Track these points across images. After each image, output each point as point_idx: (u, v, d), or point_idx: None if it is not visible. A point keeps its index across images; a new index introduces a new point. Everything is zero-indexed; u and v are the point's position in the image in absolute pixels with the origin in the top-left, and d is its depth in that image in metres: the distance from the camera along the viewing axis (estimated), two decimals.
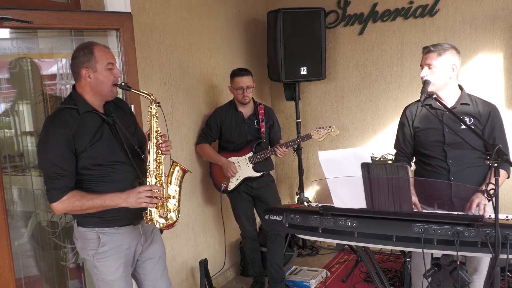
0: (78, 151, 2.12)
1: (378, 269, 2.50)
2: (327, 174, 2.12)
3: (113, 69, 2.20)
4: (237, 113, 3.60)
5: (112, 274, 2.27)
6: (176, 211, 2.25)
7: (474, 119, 2.48)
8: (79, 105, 2.17)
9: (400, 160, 2.71)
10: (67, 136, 2.09)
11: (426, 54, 2.48)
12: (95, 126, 2.18)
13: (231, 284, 4.09)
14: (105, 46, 2.24)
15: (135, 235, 2.31)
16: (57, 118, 2.14)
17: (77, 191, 2.13)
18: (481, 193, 2.32)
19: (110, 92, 2.21)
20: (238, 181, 3.59)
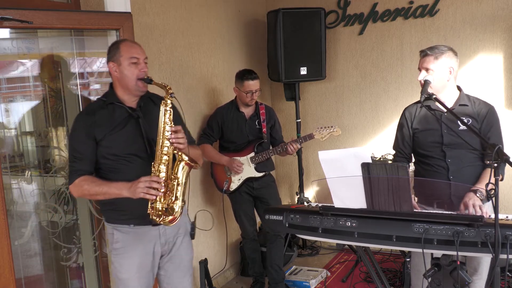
0: (97, 139, 2.20)
1: (378, 269, 2.50)
2: (327, 174, 2.12)
3: (138, 63, 2.21)
4: (239, 113, 3.60)
5: (125, 273, 2.28)
6: (177, 205, 2.16)
7: (472, 120, 2.49)
8: (107, 98, 2.28)
9: (399, 161, 2.71)
10: (88, 123, 2.21)
11: (423, 58, 2.47)
12: (119, 118, 2.24)
13: (231, 284, 4.09)
14: (134, 42, 2.32)
15: (152, 236, 2.28)
16: (86, 107, 2.36)
17: (89, 176, 2.21)
18: (473, 193, 2.32)
19: (135, 86, 2.22)
20: (240, 182, 3.59)
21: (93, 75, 3.16)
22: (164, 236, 2.32)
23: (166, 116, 2.17)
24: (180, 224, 2.35)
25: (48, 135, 3.00)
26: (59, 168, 2.98)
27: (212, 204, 3.97)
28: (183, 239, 2.40)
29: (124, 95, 2.27)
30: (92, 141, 2.21)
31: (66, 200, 2.96)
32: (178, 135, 2.14)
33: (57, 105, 2.98)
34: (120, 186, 2.13)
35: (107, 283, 3.08)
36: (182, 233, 2.40)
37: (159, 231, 2.30)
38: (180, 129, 2.15)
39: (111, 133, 2.21)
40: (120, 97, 2.28)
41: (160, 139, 2.16)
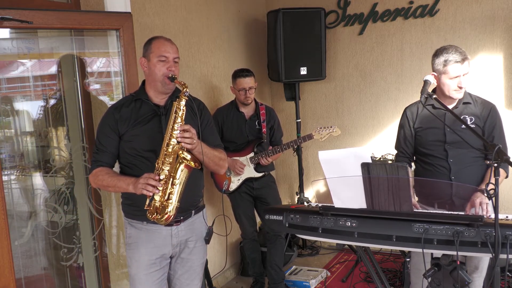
0: (121, 133, 2.25)
1: (378, 269, 2.50)
2: (327, 174, 2.12)
3: (166, 62, 2.22)
4: (239, 113, 3.60)
5: (134, 268, 2.31)
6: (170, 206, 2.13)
7: (476, 118, 2.49)
8: (136, 93, 2.33)
9: (401, 160, 2.72)
10: (113, 117, 2.26)
11: (463, 63, 2.42)
12: (144, 114, 2.26)
13: (231, 284, 4.09)
14: (168, 40, 2.30)
15: (163, 236, 2.28)
16: (116, 102, 2.38)
17: (107, 168, 2.26)
18: (480, 192, 2.33)
19: (161, 83, 2.23)
20: (239, 182, 3.59)
21: (93, 75, 3.16)
22: (177, 237, 2.31)
23: (178, 114, 2.15)
24: (195, 228, 2.36)
25: (48, 135, 2.99)
26: (59, 168, 2.98)
27: (212, 204, 3.97)
28: (196, 243, 2.38)
29: (152, 91, 2.29)
30: (116, 135, 2.26)
31: (66, 200, 2.96)
32: (185, 134, 2.11)
33: (57, 105, 2.98)
34: (127, 181, 2.16)
35: (107, 283, 3.08)
36: (196, 237, 2.38)
37: (171, 231, 2.29)
38: (188, 128, 2.12)
39: (133, 128, 2.24)
40: (148, 93, 2.30)
41: (167, 136, 2.15)
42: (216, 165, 2.36)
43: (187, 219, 2.34)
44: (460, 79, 2.44)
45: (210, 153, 2.28)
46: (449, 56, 2.43)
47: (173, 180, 2.12)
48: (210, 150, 2.28)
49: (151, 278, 2.30)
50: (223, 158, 2.40)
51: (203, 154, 2.22)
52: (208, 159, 2.27)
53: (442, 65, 2.45)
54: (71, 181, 2.96)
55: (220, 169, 2.41)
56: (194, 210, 2.38)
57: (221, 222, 3.95)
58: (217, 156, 2.34)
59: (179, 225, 2.30)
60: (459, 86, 2.44)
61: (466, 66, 2.44)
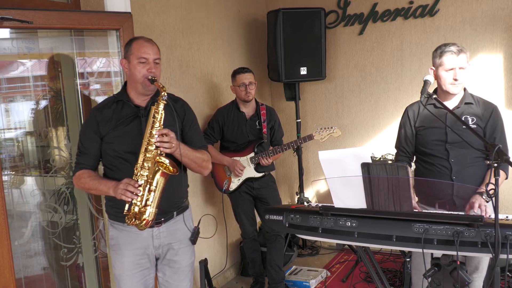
0: (102, 134, 2.24)
1: (378, 269, 2.50)
2: (327, 174, 2.12)
3: (146, 63, 2.20)
4: (239, 113, 3.60)
5: (118, 269, 2.32)
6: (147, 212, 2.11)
7: (477, 118, 2.49)
8: (118, 94, 2.32)
9: (401, 159, 2.71)
10: (95, 119, 2.26)
11: (458, 56, 2.43)
12: (125, 115, 2.25)
13: (231, 284, 4.09)
14: (148, 41, 2.26)
15: (144, 238, 2.29)
16: (99, 103, 2.36)
17: (89, 170, 2.26)
18: (479, 194, 2.33)
19: (141, 85, 2.21)
20: (239, 181, 3.59)
21: (93, 75, 3.16)
22: (158, 239, 2.30)
23: (156, 118, 2.13)
24: (178, 229, 2.34)
25: (48, 135, 3.00)
26: (59, 168, 2.98)
27: (212, 204, 3.97)
28: (181, 244, 2.37)
29: (134, 93, 2.28)
30: (98, 137, 2.25)
31: (66, 200, 2.97)
32: (164, 138, 2.10)
33: (57, 105, 2.98)
34: (108, 185, 2.16)
35: (107, 283, 3.08)
36: (181, 239, 2.36)
37: (152, 233, 2.29)
38: (167, 132, 2.11)
39: (115, 130, 2.23)
40: (130, 94, 2.29)
41: (145, 142, 2.13)
42: (199, 166, 2.34)
43: (168, 220, 2.32)
44: (456, 71, 2.44)
45: (192, 155, 2.26)
46: (445, 48, 2.48)
47: (150, 186, 2.10)
48: (192, 152, 2.26)
49: (135, 279, 2.31)
50: (206, 160, 2.37)
51: (185, 156, 2.21)
52: (190, 161, 2.26)
53: (438, 57, 2.50)
54: (71, 181, 2.96)
55: (203, 170, 2.39)
56: (176, 212, 2.35)
57: (220, 223, 3.96)
58: (199, 157, 2.31)
59: (160, 226, 2.29)
60: (454, 78, 2.44)
61: (463, 60, 2.44)
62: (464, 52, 2.45)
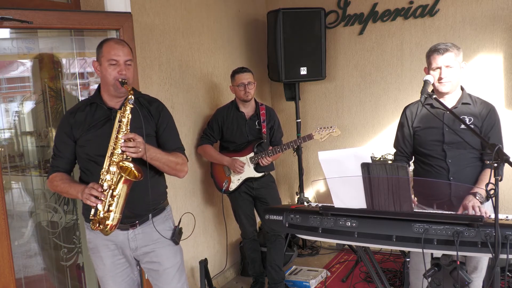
0: (76, 138, 2.24)
1: (378, 269, 2.50)
2: (327, 174, 2.12)
3: (117, 65, 2.17)
4: (239, 113, 3.60)
5: (99, 271, 2.33)
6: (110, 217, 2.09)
7: (474, 118, 2.49)
8: (92, 97, 2.30)
9: (399, 159, 2.72)
10: (68, 122, 2.25)
11: (444, 54, 2.43)
12: (98, 118, 2.23)
13: (231, 284, 4.09)
14: (118, 42, 2.22)
15: (120, 240, 2.28)
16: (73, 106, 2.34)
17: (62, 173, 2.25)
18: (472, 195, 2.32)
19: (112, 87, 2.19)
20: (239, 182, 3.59)
21: (93, 75, 3.16)
22: (134, 241, 2.28)
23: (123, 122, 2.10)
24: (154, 231, 2.28)
25: (48, 135, 3.00)
26: None
27: (212, 204, 3.97)
28: (161, 245, 2.32)
29: (106, 95, 2.26)
30: (71, 140, 2.24)
31: (66, 200, 2.96)
32: (129, 143, 2.06)
33: (57, 105, 2.98)
34: (78, 189, 2.14)
35: None
36: (160, 240, 2.32)
37: (127, 236, 2.27)
38: (133, 137, 2.08)
39: (87, 133, 2.22)
40: (103, 97, 2.27)
41: (111, 146, 2.10)
42: (173, 169, 2.30)
43: (144, 222, 2.29)
44: (441, 70, 2.44)
45: (163, 159, 2.22)
46: (433, 47, 2.49)
47: (113, 192, 2.08)
48: (163, 155, 2.23)
49: (119, 278, 2.32)
50: (180, 163, 2.31)
51: (155, 160, 2.18)
52: (162, 164, 2.23)
53: (427, 56, 2.52)
54: None
55: (178, 173, 2.33)
56: (152, 214, 2.30)
57: (220, 223, 3.96)
58: (172, 161, 2.27)
59: (135, 229, 2.27)
60: (439, 77, 2.44)
61: (448, 58, 2.43)
62: (451, 50, 2.43)
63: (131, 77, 2.23)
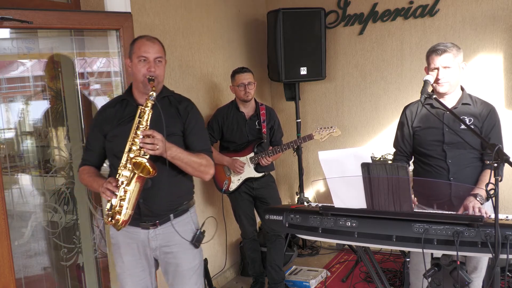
0: (105, 133, 2.27)
1: (378, 269, 2.50)
2: (327, 174, 2.12)
3: (146, 62, 2.18)
4: (239, 113, 3.60)
5: (119, 268, 2.34)
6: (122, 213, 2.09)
7: (474, 119, 2.49)
8: (123, 94, 2.36)
9: (399, 159, 2.72)
10: (100, 117, 2.31)
11: (442, 55, 2.43)
12: (127, 114, 2.24)
13: (231, 284, 4.09)
14: (149, 39, 2.23)
15: (140, 239, 2.28)
16: (106, 102, 2.40)
17: (90, 167, 2.31)
18: (473, 196, 2.32)
19: (142, 84, 2.20)
20: (239, 182, 3.59)
21: (93, 75, 3.16)
22: (155, 240, 2.27)
23: (143, 119, 2.10)
24: (175, 232, 2.26)
25: (48, 135, 3.00)
26: (59, 168, 2.98)
27: (212, 204, 3.97)
28: (180, 247, 2.30)
29: (137, 92, 2.29)
30: (101, 134, 2.28)
31: (66, 200, 2.96)
32: (146, 140, 2.05)
33: (57, 105, 2.98)
34: (99, 183, 2.16)
35: (107, 283, 3.08)
36: (180, 241, 2.29)
37: (148, 235, 2.26)
38: (151, 134, 2.05)
39: (115, 129, 2.24)
40: (134, 94, 2.30)
41: (129, 141, 2.11)
42: (196, 171, 2.26)
43: (165, 222, 2.27)
44: (439, 71, 2.44)
45: (186, 159, 2.18)
46: (431, 48, 2.49)
47: (127, 187, 2.08)
48: (186, 155, 2.19)
49: (136, 277, 2.31)
50: (204, 164, 2.26)
51: (177, 159, 2.15)
52: (185, 164, 2.19)
53: (426, 57, 2.52)
54: (71, 181, 2.96)
55: (202, 175, 2.29)
56: (173, 214, 2.28)
57: (220, 223, 3.96)
58: (195, 161, 2.22)
59: (156, 228, 2.26)
60: (437, 77, 2.44)
61: (447, 59, 2.42)
62: (450, 51, 2.42)
63: (161, 75, 2.24)
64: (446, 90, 2.48)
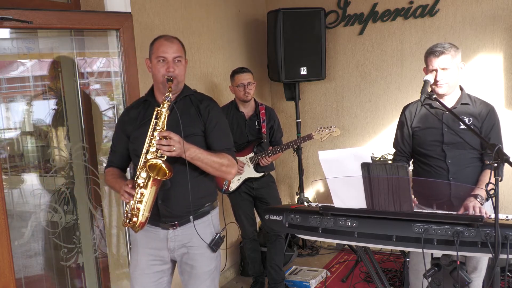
0: (128, 134, 2.28)
1: (378, 269, 2.50)
2: (327, 174, 2.12)
3: (165, 62, 2.17)
4: (239, 113, 3.60)
5: (133, 266, 2.32)
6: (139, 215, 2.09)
7: (473, 119, 2.49)
8: (146, 95, 2.35)
9: (399, 159, 2.72)
10: (124, 119, 2.33)
11: (440, 57, 2.42)
12: (149, 115, 2.19)
13: (231, 284, 4.09)
14: (168, 39, 2.23)
15: (160, 239, 2.25)
16: (131, 103, 2.41)
17: (115, 169, 2.32)
18: (473, 197, 2.32)
19: (161, 84, 2.19)
20: (239, 182, 3.59)
21: (93, 75, 3.16)
22: (173, 241, 2.25)
23: (160, 119, 2.08)
24: (194, 234, 2.22)
25: (48, 135, 2.99)
26: (59, 168, 2.98)
27: None
28: (198, 249, 2.27)
29: (158, 93, 2.27)
30: (124, 136, 2.29)
31: (66, 200, 2.96)
32: (162, 141, 2.02)
33: (57, 105, 2.97)
34: (120, 184, 2.16)
35: (107, 283, 3.08)
36: (198, 244, 2.26)
37: (166, 235, 2.24)
38: (167, 135, 2.03)
39: (138, 130, 2.23)
40: (155, 94, 2.29)
41: (146, 143, 2.10)
42: (217, 170, 2.21)
43: (184, 224, 2.24)
44: (437, 72, 2.43)
45: (206, 159, 2.15)
46: (429, 49, 2.48)
47: (144, 190, 2.07)
48: (206, 155, 2.15)
49: (148, 279, 2.27)
50: (225, 164, 2.22)
51: (197, 159, 2.12)
52: (205, 165, 2.16)
53: (424, 58, 2.51)
54: (71, 181, 2.96)
55: (224, 175, 2.26)
56: (193, 216, 2.24)
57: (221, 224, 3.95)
58: (216, 161, 2.18)
59: (175, 229, 2.24)
60: (435, 79, 2.43)
61: (445, 61, 2.41)
62: (448, 52, 2.41)
63: (181, 74, 2.22)
64: (445, 91, 2.48)
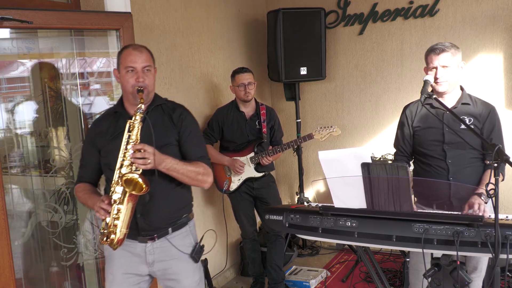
0: (99, 148, 2.20)
1: (378, 269, 2.50)
2: (327, 174, 2.12)
3: (134, 72, 2.09)
4: (239, 113, 3.60)
5: (107, 281, 2.25)
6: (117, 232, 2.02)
7: (474, 119, 2.49)
8: (115, 106, 2.27)
9: (399, 159, 2.72)
10: (93, 132, 2.24)
11: (440, 55, 2.43)
12: (120, 127, 2.12)
13: (231, 284, 4.09)
14: (136, 48, 2.14)
15: (138, 252, 2.19)
16: (100, 115, 2.34)
17: (86, 184, 2.23)
18: (477, 195, 2.32)
19: (131, 95, 2.11)
20: (240, 182, 3.59)
21: (93, 75, 3.16)
22: (152, 254, 2.19)
23: (133, 133, 2.02)
24: (174, 246, 2.20)
25: (48, 135, 2.99)
26: (59, 168, 2.98)
27: (212, 204, 3.97)
28: (179, 261, 2.23)
29: (128, 104, 2.19)
30: (95, 150, 2.20)
31: (66, 200, 2.96)
32: (137, 154, 1.96)
33: (57, 105, 2.97)
34: (94, 201, 2.08)
35: None
36: (178, 256, 2.22)
37: (145, 249, 2.18)
38: (142, 147, 1.97)
39: (109, 143, 2.15)
40: (125, 105, 2.20)
41: (120, 157, 2.03)
42: (194, 180, 2.17)
43: (163, 236, 2.19)
44: (437, 70, 2.44)
45: (181, 169, 2.10)
46: (430, 48, 2.49)
47: (120, 206, 2.01)
48: (181, 165, 2.11)
49: None
50: (201, 173, 2.17)
51: (172, 170, 2.07)
52: (181, 175, 2.11)
53: (424, 56, 2.53)
54: (71, 181, 2.96)
55: (201, 184, 2.22)
56: (172, 228, 2.21)
57: (220, 223, 3.96)
58: (192, 171, 2.14)
59: (154, 242, 2.18)
60: (435, 77, 2.44)
61: (445, 58, 2.42)
62: (448, 50, 2.43)
63: (151, 84, 2.14)
64: (445, 89, 2.48)
